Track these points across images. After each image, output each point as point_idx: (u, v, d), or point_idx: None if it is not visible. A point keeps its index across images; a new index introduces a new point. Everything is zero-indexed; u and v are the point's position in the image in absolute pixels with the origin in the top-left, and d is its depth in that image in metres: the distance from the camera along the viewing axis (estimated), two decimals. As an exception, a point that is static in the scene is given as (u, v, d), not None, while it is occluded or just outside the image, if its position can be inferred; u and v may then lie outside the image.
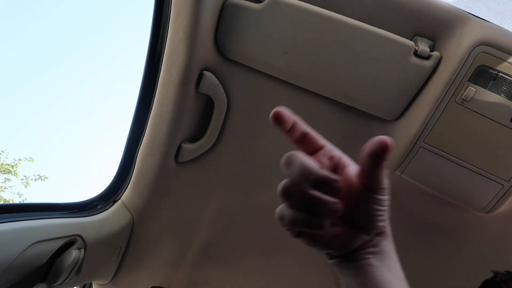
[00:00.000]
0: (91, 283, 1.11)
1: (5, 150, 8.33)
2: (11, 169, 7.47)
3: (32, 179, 7.58)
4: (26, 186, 7.57)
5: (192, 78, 0.88)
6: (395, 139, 0.93)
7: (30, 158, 7.65)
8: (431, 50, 0.83)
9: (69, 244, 0.81)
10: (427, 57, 0.82)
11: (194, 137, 1.00)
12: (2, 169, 7.44)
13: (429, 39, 0.83)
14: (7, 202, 7.07)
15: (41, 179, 7.64)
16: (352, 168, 0.37)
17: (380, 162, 0.34)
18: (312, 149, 0.38)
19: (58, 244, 0.77)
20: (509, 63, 0.79)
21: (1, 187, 7.41)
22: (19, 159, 7.58)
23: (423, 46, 0.81)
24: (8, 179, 7.49)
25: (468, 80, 0.81)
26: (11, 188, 7.54)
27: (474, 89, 0.81)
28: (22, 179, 7.54)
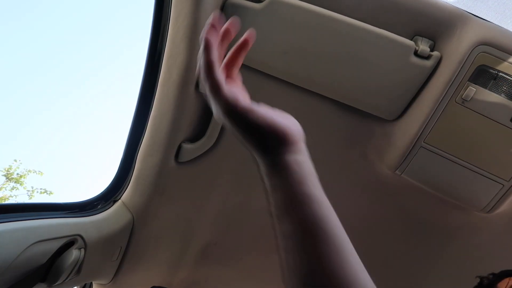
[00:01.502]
0: (91, 283, 1.11)
1: (19, 159, 8.52)
2: (19, 178, 7.64)
3: (37, 192, 7.75)
4: (30, 198, 7.69)
5: (192, 78, 0.88)
6: (395, 139, 0.93)
7: (39, 171, 7.85)
8: (431, 50, 0.83)
9: (69, 244, 0.81)
10: (427, 57, 0.82)
11: (194, 137, 1.00)
12: (10, 178, 7.59)
13: (429, 39, 0.83)
14: (7, 202, 7.12)
15: (47, 193, 7.82)
16: None
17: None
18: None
19: (58, 244, 0.77)
20: (509, 63, 0.78)
21: (9, 195, 7.53)
22: (29, 170, 7.76)
23: (423, 46, 0.81)
24: (15, 188, 7.63)
25: (468, 80, 0.81)
26: (16, 197, 7.67)
27: (474, 89, 0.81)
28: (28, 190, 7.70)
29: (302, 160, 0.39)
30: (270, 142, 0.39)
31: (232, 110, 0.38)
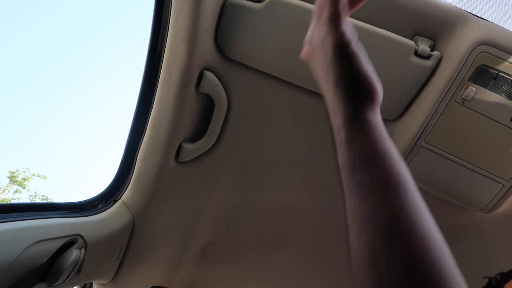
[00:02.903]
0: (91, 283, 1.11)
1: (28, 167, 8.62)
2: (23, 182, 7.69)
3: (39, 198, 7.82)
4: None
5: (193, 78, 0.88)
6: (395, 139, 0.93)
7: (43, 175, 7.91)
8: (432, 50, 0.82)
9: (69, 243, 0.81)
10: (428, 57, 0.82)
11: (195, 137, 1.00)
12: (15, 180, 7.64)
13: (429, 38, 0.83)
14: (7, 202, 7.14)
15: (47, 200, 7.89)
16: None
17: None
18: None
19: (58, 243, 0.77)
20: (510, 62, 0.78)
21: (12, 198, 7.57)
22: (33, 174, 7.80)
23: (424, 46, 0.81)
24: (18, 191, 7.67)
25: (468, 80, 0.81)
26: (18, 201, 7.70)
27: (475, 89, 0.81)
28: (31, 195, 7.76)
29: (381, 122, 0.39)
30: (362, 93, 0.38)
31: (344, 46, 0.38)
